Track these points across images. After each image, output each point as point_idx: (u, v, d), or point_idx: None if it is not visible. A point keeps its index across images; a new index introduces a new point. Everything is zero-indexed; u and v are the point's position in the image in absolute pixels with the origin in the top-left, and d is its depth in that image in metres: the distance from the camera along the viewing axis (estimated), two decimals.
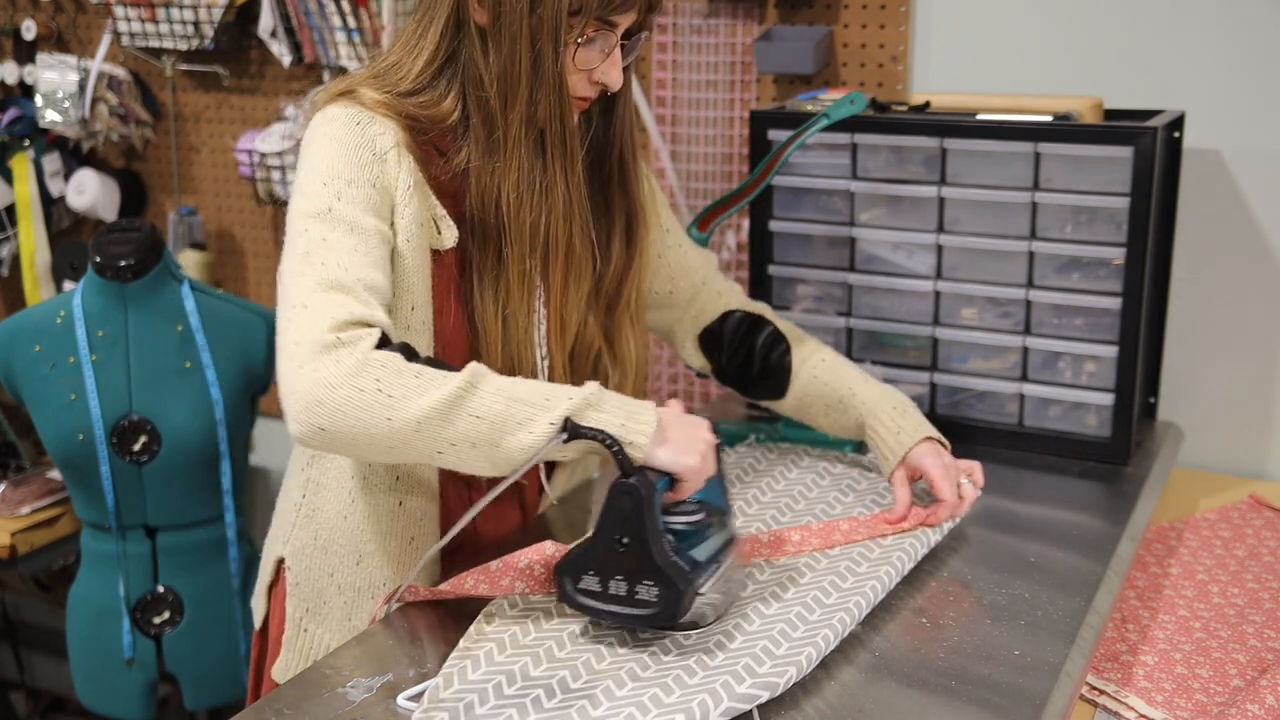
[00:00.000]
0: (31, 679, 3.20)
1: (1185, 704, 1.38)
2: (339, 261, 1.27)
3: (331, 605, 1.48)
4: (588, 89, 1.40)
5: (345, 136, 1.35)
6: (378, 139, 1.35)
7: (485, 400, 1.22)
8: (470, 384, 1.23)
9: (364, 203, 1.32)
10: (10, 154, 2.85)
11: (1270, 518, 1.81)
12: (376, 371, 1.21)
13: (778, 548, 1.44)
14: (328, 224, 1.30)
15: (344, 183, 1.32)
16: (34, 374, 2.19)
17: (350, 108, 1.37)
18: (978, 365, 1.86)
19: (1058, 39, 2.01)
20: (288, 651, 1.51)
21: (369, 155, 1.34)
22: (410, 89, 1.40)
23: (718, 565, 1.28)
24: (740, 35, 2.19)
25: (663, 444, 1.27)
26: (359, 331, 1.23)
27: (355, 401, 1.20)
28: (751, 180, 1.79)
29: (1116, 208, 1.71)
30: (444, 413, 1.21)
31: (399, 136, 1.36)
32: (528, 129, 1.37)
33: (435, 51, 1.40)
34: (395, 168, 1.35)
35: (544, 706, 1.15)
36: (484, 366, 1.26)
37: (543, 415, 1.23)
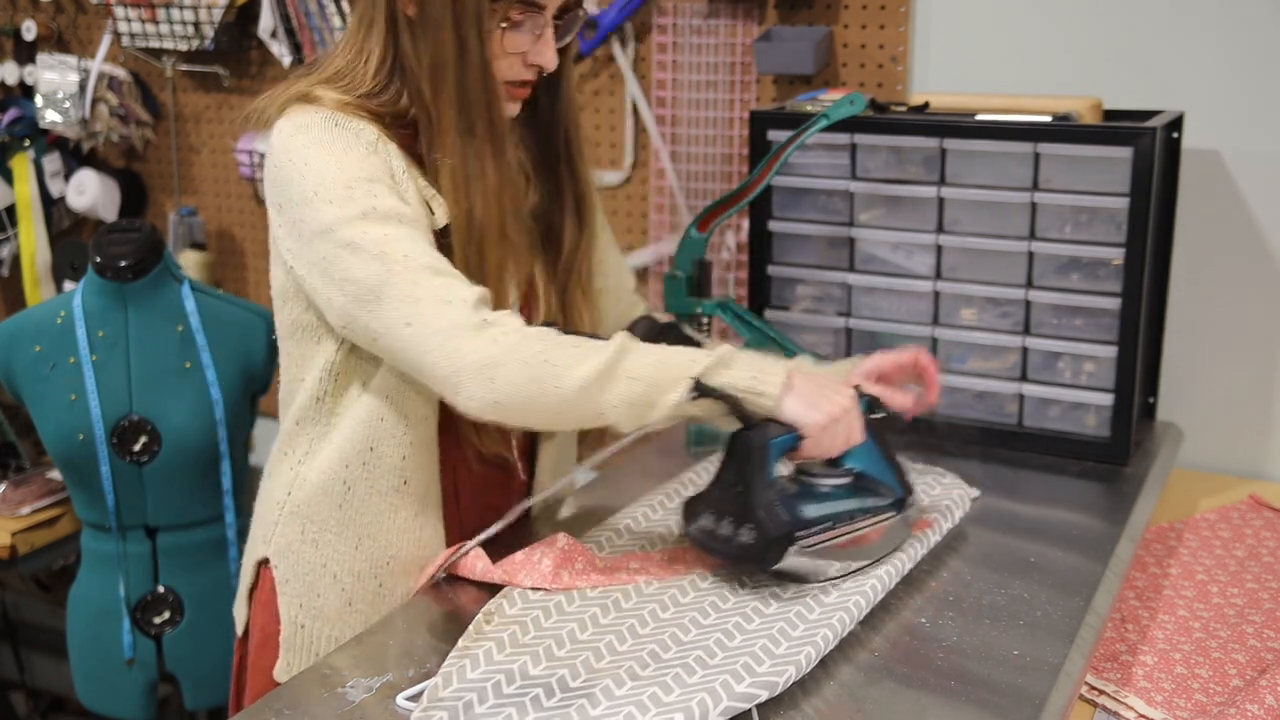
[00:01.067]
0: (31, 679, 3.21)
1: (1185, 704, 1.38)
2: (418, 250, 1.31)
3: (329, 596, 1.48)
4: (523, 72, 1.41)
5: (332, 139, 1.35)
6: (361, 133, 1.36)
7: (638, 363, 1.30)
8: (622, 349, 1.30)
9: (392, 194, 1.35)
10: (10, 154, 2.85)
11: (1270, 518, 1.81)
12: (537, 344, 1.29)
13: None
14: (376, 222, 1.32)
15: (366, 180, 1.33)
16: (34, 374, 2.19)
17: (316, 112, 1.37)
18: (977, 365, 1.86)
19: (1057, 39, 2.01)
20: (287, 651, 1.50)
21: (364, 148, 1.35)
22: (369, 91, 1.41)
23: (834, 528, 1.34)
24: (740, 35, 2.19)
25: (790, 397, 1.31)
26: (499, 312, 1.31)
27: (526, 374, 1.27)
28: (751, 180, 1.79)
29: (1116, 208, 1.71)
30: (604, 376, 1.28)
31: (373, 127, 1.38)
32: (459, 117, 1.37)
33: (383, 52, 1.40)
34: (388, 155, 1.37)
35: (543, 705, 1.15)
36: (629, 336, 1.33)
37: (688, 374, 1.29)
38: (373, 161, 1.35)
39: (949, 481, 1.62)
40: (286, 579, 1.50)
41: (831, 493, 1.37)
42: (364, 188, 1.33)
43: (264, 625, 1.53)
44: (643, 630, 1.27)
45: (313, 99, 1.39)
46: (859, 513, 1.37)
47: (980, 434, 1.84)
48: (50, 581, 3.02)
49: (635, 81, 2.29)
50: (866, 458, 1.40)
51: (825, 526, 1.34)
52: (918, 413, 1.52)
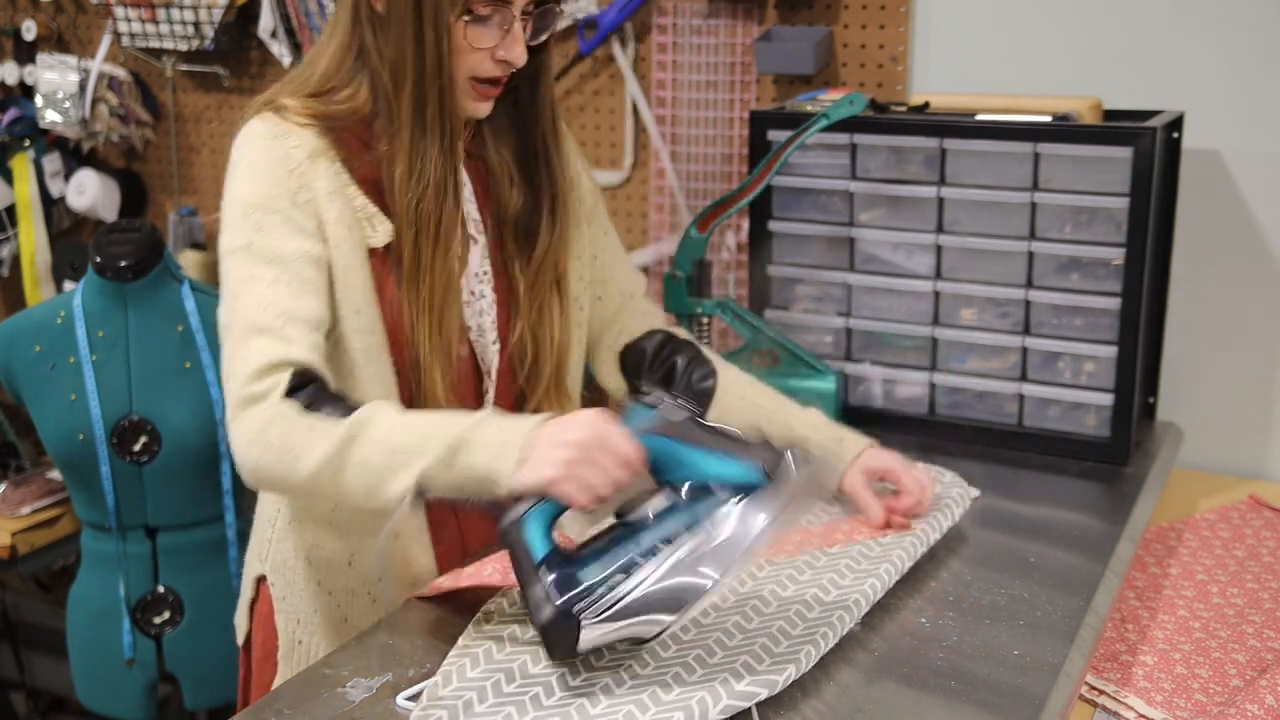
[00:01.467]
0: (31, 679, 3.20)
1: (1184, 704, 1.38)
2: (259, 301, 1.30)
3: (326, 612, 1.48)
4: (493, 69, 1.38)
5: (260, 157, 1.36)
6: (293, 151, 1.36)
7: (365, 451, 1.22)
8: (352, 435, 1.22)
9: (284, 226, 1.34)
10: (10, 154, 2.85)
11: (1270, 518, 1.81)
12: (279, 427, 1.24)
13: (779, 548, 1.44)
14: (249, 260, 1.33)
15: (262, 211, 1.34)
16: (34, 374, 2.19)
17: (267, 122, 1.38)
18: (977, 365, 1.86)
19: (1058, 39, 2.01)
20: (285, 667, 1.51)
21: (284, 171, 1.35)
22: (322, 88, 1.41)
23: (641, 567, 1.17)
24: (740, 35, 2.19)
25: (524, 467, 1.18)
26: (271, 380, 1.26)
27: (267, 458, 1.25)
28: (751, 180, 1.80)
29: (1116, 208, 1.71)
30: (330, 468, 1.23)
31: (316, 144, 1.37)
32: (416, 111, 1.36)
33: (344, 45, 1.40)
34: (314, 177, 1.36)
35: (543, 704, 1.15)
36: (384, 405, 1.26)
37: (417, 460, 1.20)
38: (285, 186, 1.35)
39: (949, 481, 1.62)
40: (283, 596, 1.51)
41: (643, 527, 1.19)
42: (255, 218, 1.34)
43: (264, 640, 1.54)
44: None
45: (278, 107, 1.40)
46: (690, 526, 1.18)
47: (980, 434, 1.84)
48: (50, 581, 3.02)
49: (635, 81, 2.29)
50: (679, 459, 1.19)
51: (617, 580, 1.17)
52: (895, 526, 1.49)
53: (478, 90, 1.39)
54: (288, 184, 1.35)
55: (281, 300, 1.31)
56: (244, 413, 1.27)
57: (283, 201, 1.35)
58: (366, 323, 1.38)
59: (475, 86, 1.39)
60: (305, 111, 1.39)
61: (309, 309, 1.32)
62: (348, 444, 1.22)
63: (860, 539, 1.47)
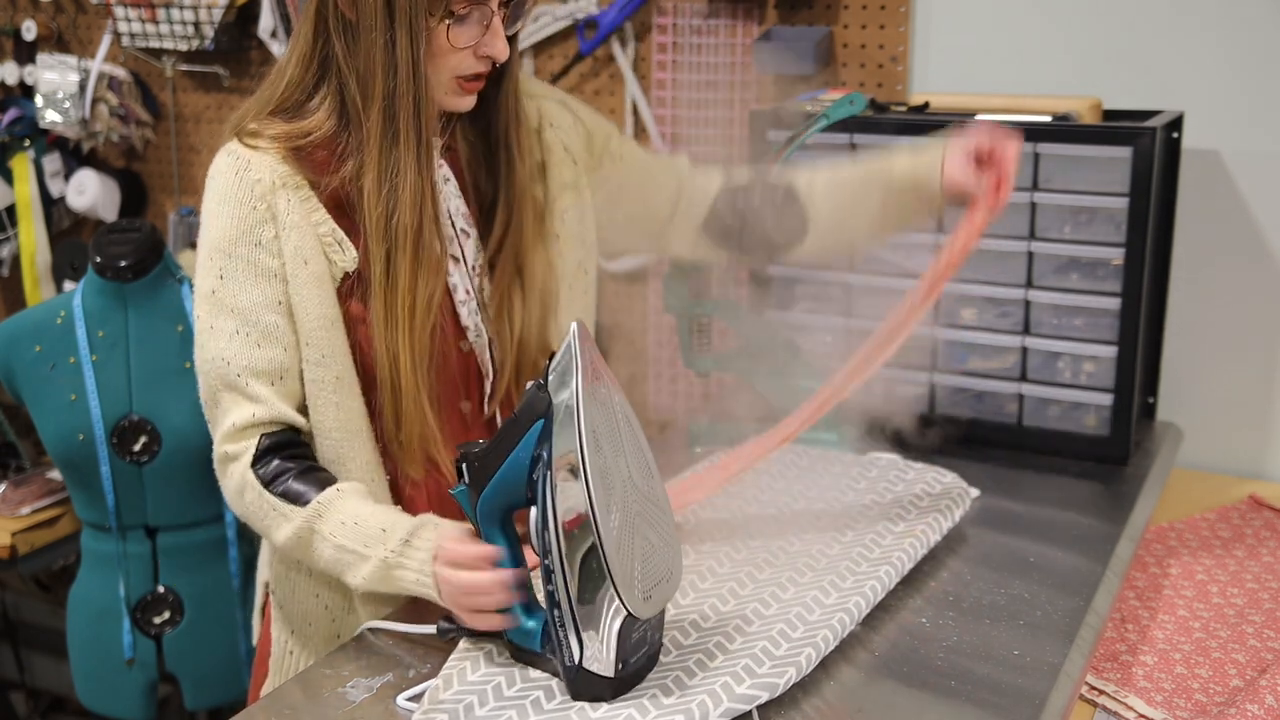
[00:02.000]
0: (31, 679, 3.20)
1: (1185, 704, 1.38)
2: (223, 354, 1.36)
3: (319, 625, 1.48)
4: (475, 65, 1.37)
5: (224, 193, 1.38)
6: (255, 186, 1.36)
7: (319, 547, 1.33)
8: (309, 529, 1.33)
9: (245, 272, 1.36)
10: (10, 154, 2.85)
11: (1270, 518, 1.81)
12: (251, 496, 1.37)
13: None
14: (212, 308, 1.37)
15: (225, 256, 1.37)
16: (34, 374, 2.19)
17: (232, 154, 1.39)
18: (977, 365, 1.86)
19: (1058, 39, 2.01)
20: (275, 674, 1.52)
21: (247, 210, 1.36)
22: (286, 104, 1.39)
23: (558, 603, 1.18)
24: (740, 35, 2.19)
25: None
26: (241, 444, 1.37)
27: (249, 518, 1.39)
28: None
29: (1115, 208, 1.71)
30: (300, 547, 1.34)
31: (279, 170, 1.37)
32: (386, 120, 1.35)
33: (305, 55, 1.38)
34: (278, 209, 1.36)
35: (544, 708, 1.15)
36: (331, 499, 1.33)
37: (361, 565, 1.30)
38: (247, 226, 1.36)
39: (949, 481, 1.62)
40: (281, 604, 1.52)
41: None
42: (218, 264, 1.37)
43: (265, 644, 1.55)
44: None
45: (244, 133, 1.39)
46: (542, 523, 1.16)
47: (980, 434, 1.84)
48: (50, 581, 3.02)
49: (635, 81, 2.29)
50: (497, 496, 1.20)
51: (555, 614, 1.18)
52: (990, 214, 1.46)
53: (462, 87, 1.38)
54: (249, 222, 1.36)
55: (243, 354, 1.36)
56: (224, 470, 1.39)
57: (243, 245, 1.36)
58: (316, 355, 1.38)
59: (459, 84, 1.37)
60: (270, 133, 1.38)
61: (270, 359, 1.37)
62: (306, 535, 1.33)
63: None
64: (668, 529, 1.19)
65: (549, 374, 1.15)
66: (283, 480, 1.35)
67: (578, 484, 1.11)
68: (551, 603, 1.15)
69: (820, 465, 1.69)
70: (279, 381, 1.37)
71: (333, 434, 1.39)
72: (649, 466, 1.19)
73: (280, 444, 1.36)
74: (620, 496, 1.13)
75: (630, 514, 1.13)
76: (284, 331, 1.37)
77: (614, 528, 1.11)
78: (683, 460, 1.77)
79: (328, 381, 1.38)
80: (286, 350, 1.37)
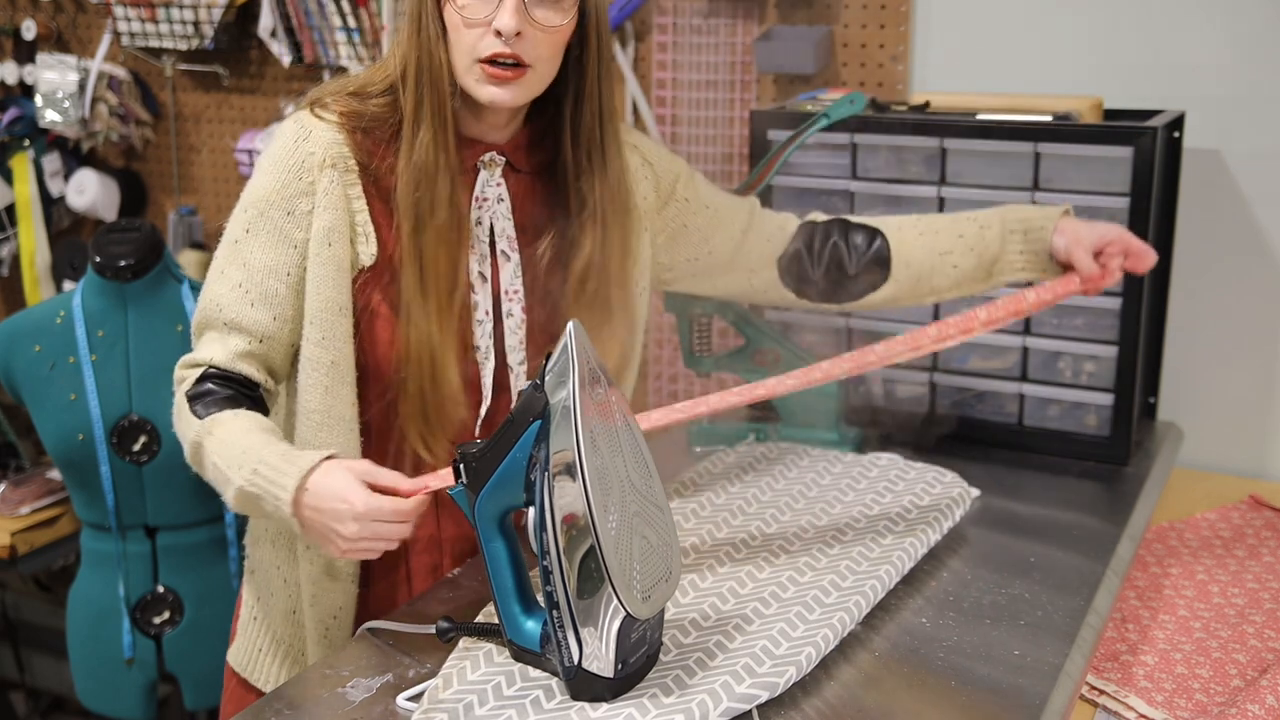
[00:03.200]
0: (31, 679, 3.20)
1: (1185, 704, 1.38)
2: (219, 300, 1.40)
3: (278, 597, 1.51)
4: (494, 44, 1.34)
5: (278, 156, 1.40)
6: (307, 158, 1.38)
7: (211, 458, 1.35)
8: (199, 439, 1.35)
9: (270, 234, 1.39)
10: (10, 154, 2.85)
11: (1270, 518, 1.81)
12: (178, 409, 1.40)
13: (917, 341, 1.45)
14: (229, 254, 1.41)
15: (257, 213, 1.39)
16: (34, 374, 2.19)
17: (298, 121, 1.41)
18: (978, 365, 1.86)
19: (1058, 39, 2.01)
20: (240, 637, 1.56)
21: (293, 178, 1.38)
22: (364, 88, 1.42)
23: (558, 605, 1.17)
24: (740, 35, 2.19)
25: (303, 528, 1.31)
26: (188, 372, 1.41)
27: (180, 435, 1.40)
28: (751, 180, 1.79)
29: (1116, 208, 1.70)
30: (195, 453, 1.36)
31: (335, 149, 1.38)
32: (415, 101, 1.37)
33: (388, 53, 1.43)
34: (321, 186, 1.38)
35: (544, 707, 1.15)
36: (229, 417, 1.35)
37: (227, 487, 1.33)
38: (287, 192, 1.38)
39: (949, 481, 1.62)
40: (252, 570, 1.55)
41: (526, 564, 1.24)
42: (249, 217, 1.40)
43: (238, 606, 1.60)
44: None
45: (319, 104, 1.42)
46: (541, 525, 1.15)
47: (980, 434, 1.84)
48: (50, 581, 3.02)
49: (635, 81, 2.29)
50: (498, 496, 1.19)
51: (554, 614, 1.17)
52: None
53: (488, 74, 1.35)
54: (291, 189, 1.38)
55: (234, 306, 1.39)
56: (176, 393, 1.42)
57: (277, 210, 1.39)
58: (317, 334, 1.39)
59: (485, 70, 1.35)
60: (340, 109, 1.40)
61: (256, 321, 1.39)
62: (199, 444, 1.35)
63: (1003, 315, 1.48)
64: (666, 529, 1.19)
65: (546, 374, 1.15)
66: (205, 398, 1.38)
67: (575, 484, 1.11)
68: (550, 603, 1.15)
69: (820, 465, 1.69)
70: (256, 344, 1.39)
71: (314, 415, 1.40)
72: (647, 466, 1.19)
73: (223, 377, 1.39)
74: (618, 497, 1.13)
75: (628, 514, 1.13)
76: (282, 302, 1.39)
77: (612, 528, 1.11)
78: (683, 461, 1.77)
79: (323, 363, 1.39)
80: (276, 320, 1.39)
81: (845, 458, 1.72)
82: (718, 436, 1.83)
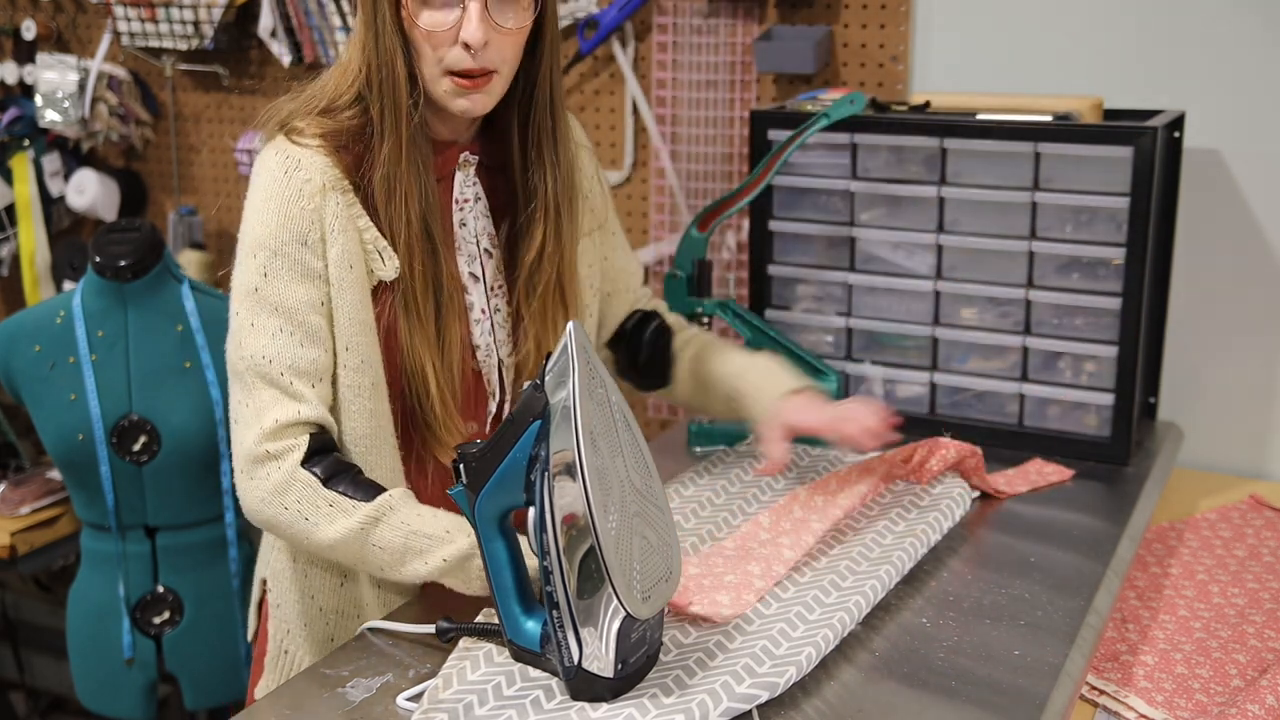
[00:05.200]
0: (31, 679, 3.20)
1: (1185, 704, 1.38)
2: (265, 352, 1.33)
3: (314, 627, 1.48)
4: (463, 57, 1.32)
5: (273, 191, 1.35)
6: (304, 186, 1.34)
7: (387, 534, 1.29)
8: (374, 518, 1.29)
9: (290, 272, 1.34)
10: (10, 154, 2.85)
11: (1270, 518, 1.81)
12: (297, 493, 1.31)
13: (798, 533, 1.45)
14: (255, 305, 1.34)
15: (269, 253, 1.34)
16: (34, 374, 2.19)
17: (281, 152, 1.36)
18: (978, 365, 1.86)
19: (1058, 39, 2.00)
20: (270, 674, 1.52)
21: (295, 209, 1.34)
22: (332, 104, 1.38)
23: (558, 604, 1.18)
24: (740, 35, 2.19)
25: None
26: (286, 442, 1.32)
27: (282, 518, 1.32)
28: (751, 180, 1.79)
29: (1116, 208, 1.70)
30: (351, 542, 1.30)
31: (329, 174, 1.35)
32: (382, 113, 1.35)
33: (344, 60, 1.39)
34: (325, 212, 1.35)
35: (544, 707, 1.15)
36: (403, 495, 1.31)
37: (439, 548, 1.29)
38: (294, 226, 1.33)
39: (949, 481, 1.62)
40: (278, 604, 1.51)
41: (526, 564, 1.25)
42: (262, 260, 1.34)
43: (264, 639, 1.55)
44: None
45: (293, 130, 1.37)
46: (541, 524, 1.16)
47: (980, 434, 1.83)
48: (50, 581, 3.02)
49: (635, 81, 2.29)
50: (497, 496, 1.20)
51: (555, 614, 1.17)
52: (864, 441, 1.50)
53: (458, 84, 1.34)
54: (297, 223, 1.34)
55: (286, 352, 1.33)
56: (258, 470, 1.32)
57: (290, 244, 1.34)
58: (356, 360, 1.37)
59: (454, 81, 1.34)
60: (318, 130, 1.36)
61: (313, 360, 1.34)
62: (370, 524, 1.29)
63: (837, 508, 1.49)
64: (666, 528, 1.19)
65: (546, 374, 1.15)
66: (343, 478, 1.32)
67: (575, 484, 1.11)
68: (550, 603, 1.15)
69: (820, 465, 1.69)
70: (319, 383, 1.35)
71: (362, 440, 1.39)
72: (647, 466, 1.19)
73: (329, 445, 1.35)
74: (618, 497, 1.13)
75: (628, 514, 1.13)
76: (325, 334, 1.36)
77: (612, 528, 1.11)
78: (683, 461, 1.77)
79: (364, 388, 1.38)
80: (327, 353, 1.36)
81: (845, 458, 1.72)
82: (718, 436, 1.83)
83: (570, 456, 1.11)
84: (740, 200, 1.80)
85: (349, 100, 1.37)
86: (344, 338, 1.36)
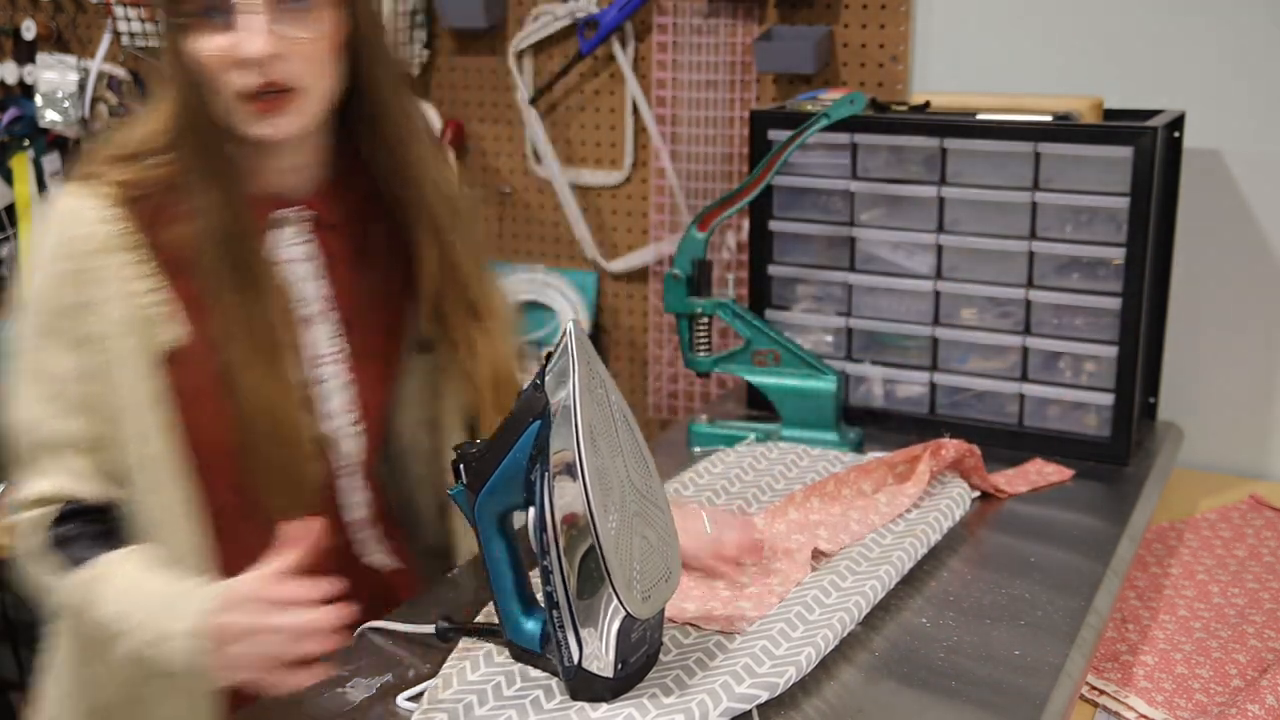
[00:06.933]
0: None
1: (1185, 704, 1.38)
2: (23, 419, 1.28)
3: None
4: (248, 76, 1.23)
5: (50, 248, 1.28)
6: (80, 247, 1.26)
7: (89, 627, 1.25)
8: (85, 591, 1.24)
9: (56, 342, 1.27)
10: (10, 154, 2.85)
11: (1270, 518, 1.81)
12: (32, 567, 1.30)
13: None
14: (31, 365, 1.28)
15: (47, 316, 1.27)
16: None
17: (67, 205, 1.28)
18: (978, 365, 1.86)
19: (1058, 39, 2.00)
20: None
21: (70, 270, 1.26)
22: (141, 149, 1.29)
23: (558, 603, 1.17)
24: (740, 35, 2.19)
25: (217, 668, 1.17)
26: (28, 515, 1.28)
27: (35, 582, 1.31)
28: (751, 180, 1.79)
29: (1116, 208, 1.70)
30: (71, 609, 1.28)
31: (109, 230, 1.26)
32: (189, 152, 1.27)
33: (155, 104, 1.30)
34: (98, 276, 1.26)
35: (543, 707, 1.15)
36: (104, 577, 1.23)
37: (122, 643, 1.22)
38: (62, 296, 1.26)
39: (949, 481, 1.62)
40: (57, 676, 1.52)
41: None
42: (33, 323, 1.28)
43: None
44: None
45: (90, 177, 1.28)
46: (541, 523, 1.15)
47: (980, 434, 1.83)
48: None
49: (635, 81, 2.29)
50: (496, 494, 1.19)
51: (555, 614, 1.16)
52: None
53: (255, 109, 1.25)
54: (65, 292, 1.26)
55: (47, 420, 1.27)
56: (13, 535, 1.31)
57: (57, 315, 1.27)
58: (139, 430, 1.28)
59: (251, 107, 1.25)
60: (116, 178, 1.27)
61: (68, 431, 1.27)
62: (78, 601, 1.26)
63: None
64: (666, 528, 1.19)
65: (545, 374, 1.15)
66: (70, 545, 1.26)
67: (575, 484, 1.11)
68: (550, 603, 1.15)
69: (820, 465, 1.69)
70: (73, 457, 1.27)
71: (154, 512, 1.30)
72: (647, 466, 1.19)
73: (80, 511, 1.28)
74: (618, 496, 1.13)
75: (628, 514, 1.13)
76: (91, 404, 1.27)
77: (612, 528, 1.11)
78: (682, 461, 1.77)
79: (145, 459, 1.29)
80: (89, 423, 1.27)
81: (845, 457, 1.72)
82: (718, 436, 1.83)
83: (570, 456, 1.11)
84: (740, 200, 1.80)
85: (158, 146, 1.28)
86: (126, 408, 1.28)
